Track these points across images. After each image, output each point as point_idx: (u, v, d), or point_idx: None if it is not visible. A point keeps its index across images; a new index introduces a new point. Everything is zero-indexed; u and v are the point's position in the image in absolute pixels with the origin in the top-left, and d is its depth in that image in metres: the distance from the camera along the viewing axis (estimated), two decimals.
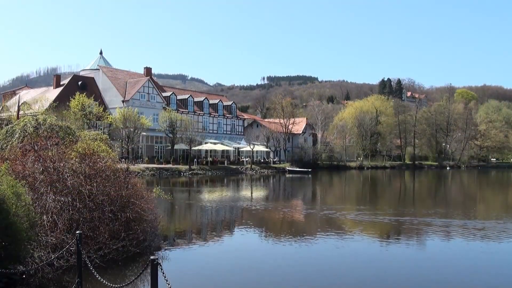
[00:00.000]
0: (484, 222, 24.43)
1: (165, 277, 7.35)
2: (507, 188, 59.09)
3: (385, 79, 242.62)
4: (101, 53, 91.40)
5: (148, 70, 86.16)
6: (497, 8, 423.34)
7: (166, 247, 16.76)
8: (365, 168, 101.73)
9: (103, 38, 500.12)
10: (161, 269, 7.35)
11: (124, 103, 73.45)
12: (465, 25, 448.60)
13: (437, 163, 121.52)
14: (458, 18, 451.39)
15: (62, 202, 12.93)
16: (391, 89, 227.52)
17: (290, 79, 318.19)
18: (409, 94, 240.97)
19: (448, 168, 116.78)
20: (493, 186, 62.87)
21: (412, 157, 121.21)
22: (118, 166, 16.43)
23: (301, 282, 13.20)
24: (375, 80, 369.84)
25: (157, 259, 7.34)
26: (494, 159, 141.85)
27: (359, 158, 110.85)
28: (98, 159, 15.30)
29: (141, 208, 14.95)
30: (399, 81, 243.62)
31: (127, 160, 45.48)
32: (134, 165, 56.12)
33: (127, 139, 64.91)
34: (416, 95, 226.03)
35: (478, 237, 19.94)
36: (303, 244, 18.60)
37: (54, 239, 11.88)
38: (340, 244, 18.78)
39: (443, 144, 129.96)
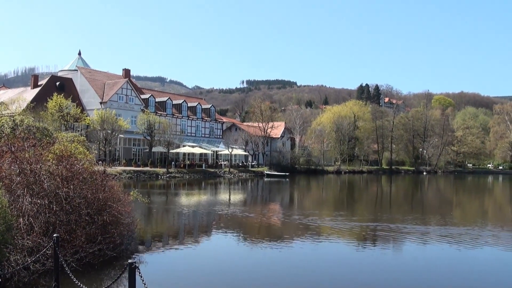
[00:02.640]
0: (459, 228, 24.68)
1: (143, 280, 7.34)
2: (482, 193, 59.73)
3: (364, 85, 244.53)
4: (79, 53, 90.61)
5: (126, 72, 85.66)
6: (474, 17, 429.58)
7: (143, 251, 16.71)
8: (343, 173, 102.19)
9: (82, 38, 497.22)
10: (139, 273, 7.34)
11: (102, 105, 72.95)
12: (443, 33, 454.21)
13: (413, 168, 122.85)
14: (436, 26, 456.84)
15: (38, 205, 12.82)
16: (369, 94, 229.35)
17: (269, 83, 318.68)
18: (386, 99, 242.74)
19: (424, 173, 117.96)
20: (469, 191, 63.54)
21: (389, 162, 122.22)
22: (95, 168, 16.36)
23: (277, 285, 13.27)
24: (353, 86, 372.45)
25: (134, 262, 7.31)
26: (471, 165, 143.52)
27: (336, 163, 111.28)
28: (75, 161, 15.21)
29: (118, 211, 14.90)
30: (377, 87, 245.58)
31: (104, 163, 45.16)
32: (111, 167, 55.56)
33: (104, 141, 64.46)
34: (394, 101, 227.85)
35: (453, 243, 20.14)
36: (280, 248, 18.67)
37: (30, 243, 11.77)
38: (316, 248, 18.88)
39: (420, 149, 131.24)
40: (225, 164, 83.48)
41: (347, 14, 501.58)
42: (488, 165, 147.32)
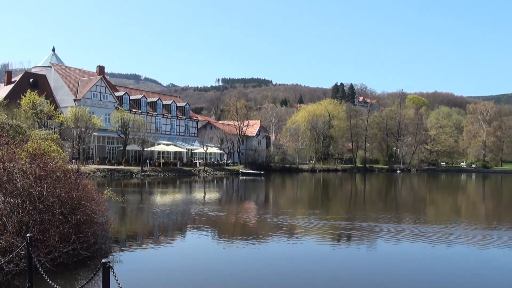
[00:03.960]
0: (432, 226, 24.94)
1: (117, 280, 7.31)
2: (456, 191, 60.50)
3: (338, 84, 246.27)
4: (53, 50, 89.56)
5: (101, 69, 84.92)
6: (448, 18, 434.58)
7: (118, 250, 16.61)
8: (317, 171, 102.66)
9: (56, 34, 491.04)
10: (113, 272, 7.31)
11: (75, 102, 72.28)
12: (417, 33, 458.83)
13: (387, 167, 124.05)
14: (411, 26, 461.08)
15: (12, 204, 12.67)
16: (343, 93, 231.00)
17: (244, 82, 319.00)
18: (361, 99, 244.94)
19: (398, 171, 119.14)
20: (443, 189, 64.28)
21: (363, 161, 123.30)
22: (69, 167, 16.20)
23: (252, 284, 13.30)
24: (328, 85, 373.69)
25: (108, 262, 7.26)
26: (444, 163, 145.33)
27: (311, 161, 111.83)
28: (49, 160, 15.03)
29: (92, 210, 14.76)
30: (351, 86, 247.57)
31: (77, 161, 44.80)
32: (85, 166, 55.17)
33: (78, 139, 63.85)
34: (368, 100, 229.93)
35: (427, 241, 20.36)
36: (255, 247, 18.70)
37: (3, 243, 11.63)
38: (291, 247, 18.97)
39: (394, 148, 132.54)
40: (200, 163, 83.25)
41: (322, 13, 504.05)
42: (461, 164, 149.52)
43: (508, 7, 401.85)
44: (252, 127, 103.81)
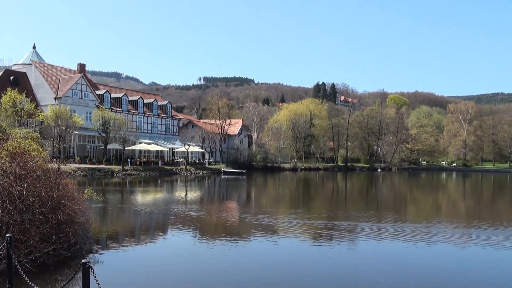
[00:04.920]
0: (413, 224, 25.16)
1: (97, 280, 7.30)
2: (436, 190, 61.00)
3: (320, 83, 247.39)
4: (34, 47, 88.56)
5: (81, 67, 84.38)
6: (429, 19, 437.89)
7: (98, 250, 16.52)
8: (299, 170, 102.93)
9: (37, 31, 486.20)
10: (93, 273, 7.28)
11: (56, 100, 71.66)
12: (398, 32, 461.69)
13: (368, 165, 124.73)
14: (392, 26, 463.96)
15: None
16: (325, 92, 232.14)
17: (226, 80, 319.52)
18: (342, 98, 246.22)
19: (379, 170, 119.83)
20: (423, 188, 64.67)
21: (344, 159, 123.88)
22: (49, 166, 16.06)
23: (233, 282, 13.32)
24: (310, 84, 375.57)
25: (88, 262, 7.25)
26: (425, 162, 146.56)
27: (293, 160, 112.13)
28: (29, 159, 14.90)
29: (73, 210, 14.66)
30: (333, 85, 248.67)
31: (58, 160, 44.40)
32: (65, 165, 54.65)
33: (58, 138, 63.27)
34: (350, 99, 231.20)
35: (407, 240, 20.51)
36: (237, 247, 18.69)
37: None
38: (273, 246, 18.99)
39: (375, 147, 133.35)
40: (181, 162, 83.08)
41: (304, 13, 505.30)
42: (442, 162, 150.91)
43: (489, 9, 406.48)
44: (234, 126, 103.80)
